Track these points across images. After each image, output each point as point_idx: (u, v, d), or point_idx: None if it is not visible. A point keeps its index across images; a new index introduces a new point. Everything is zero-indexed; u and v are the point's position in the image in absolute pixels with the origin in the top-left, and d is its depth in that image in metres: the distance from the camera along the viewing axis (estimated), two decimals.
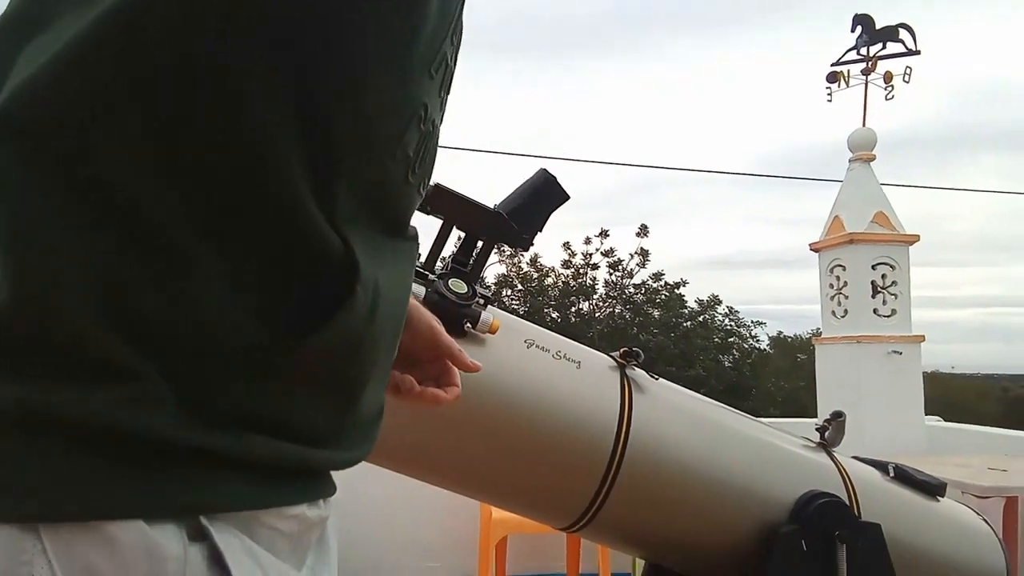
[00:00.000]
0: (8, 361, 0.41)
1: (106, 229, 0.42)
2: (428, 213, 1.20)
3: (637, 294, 18.80)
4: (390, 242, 0.56)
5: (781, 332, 23.03)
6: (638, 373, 1.33)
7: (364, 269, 0.50)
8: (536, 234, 1.27)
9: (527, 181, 1.29)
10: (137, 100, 0.42)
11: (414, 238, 0.62)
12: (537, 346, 1.25)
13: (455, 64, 0.59)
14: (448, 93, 0.59)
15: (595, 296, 18.67)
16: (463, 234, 1.24)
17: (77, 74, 0.41)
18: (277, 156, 0.46)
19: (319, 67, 0.46)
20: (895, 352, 4.00)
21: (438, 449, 1.18)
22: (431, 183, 1.15)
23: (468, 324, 1.14)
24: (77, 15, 0.42)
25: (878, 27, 4.76)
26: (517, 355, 1.22)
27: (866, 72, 4.70)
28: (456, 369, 0.78)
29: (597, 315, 18.64)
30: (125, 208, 0.42)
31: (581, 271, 18.48)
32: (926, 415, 4.15)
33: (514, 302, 18.37)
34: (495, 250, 1.31)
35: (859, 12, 4.74)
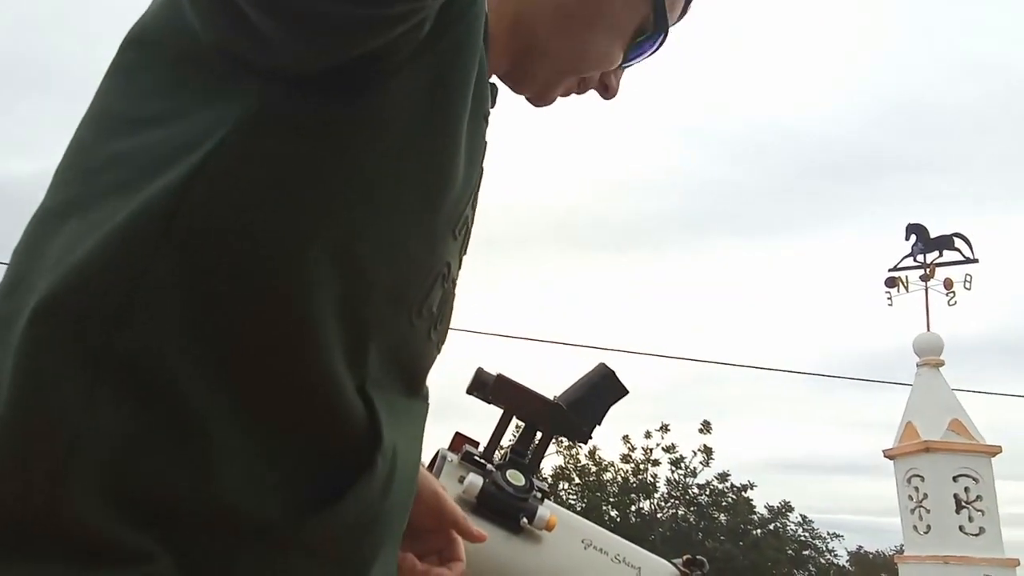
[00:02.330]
0: (13, 542, 0.40)
1: (130, 405, 0.42)
2: (489, 402, 1.23)
3: (701, 495, 17.87)
4: (407, 402, 0.56)
5: (861, 547, 21.23)
6: None
7: (386, 436, 0.50)
8: (595, 427, 1.28)
9: (587, 374, 1.32)
10: (175, 285, 0.44)
11: (426, 398, 0.61)
12: (595, 547, 1.21)
13: (472, 228, 0.61)
14: (465, 253, 0.61)
15: (656, 495, 17.83)
16: (523, 424, 1.25)
17: (119, 259, 0.43)
18: (315, 324, 0.46)
19: (359, 230, 0.48)
20: None
21: None
22: (497, 373, 1.19)
23: (524, 519, 1.12)
24: (117, 203, 0.44)
25: (932, 236, 4.84)
26: (573, 556, 1.18)
27: (925, 279, 4.73)
28: (460, 541, 0.74)
29: (659, 516, 17.66)
30: (152, 386, 0.43)
31: (641, 467, 17.82)
32: None
33: (571, 497, 17.65)
34: (552, 441, 1.31)
35: (912, 222, 4.87)
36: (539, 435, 1.25)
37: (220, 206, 0.44)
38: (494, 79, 0.66)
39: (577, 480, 18.07)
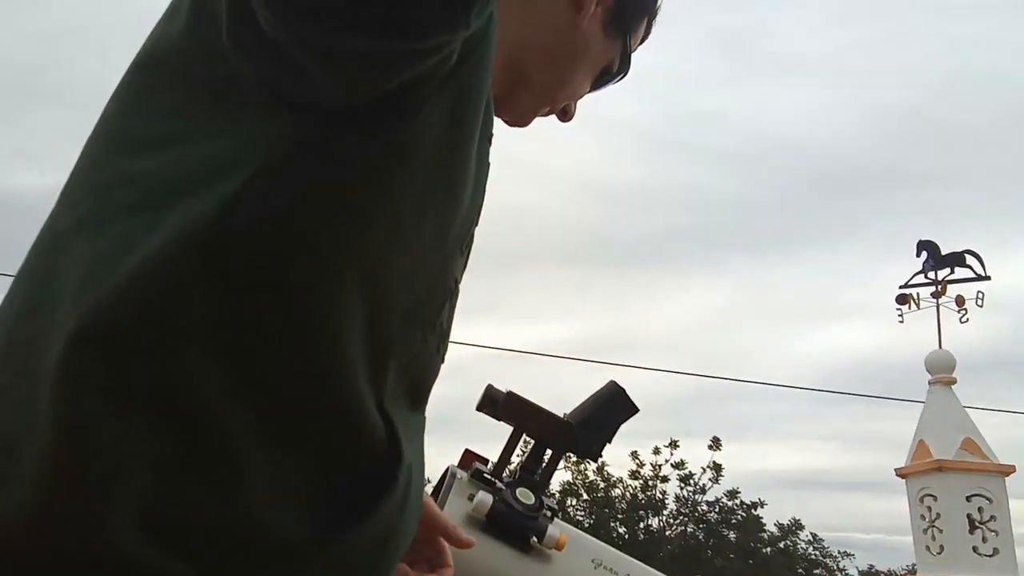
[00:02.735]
0: (52, 571, 0.41)
1: (166, 434, 0.43)
2: (499, 419, 1.22)
3: (711, 512, 17.72)
4: (412, 417, 0.57)
5: (872, 566, 20.94)
6: None
7: (405, 453, 0.51)
8: (604, 446, 1.27)
9: (597, 392, 1.31)
10: (210, 313, 0.44)
11: (424, 412, 0.62)
12: (605, 567, 1.19)
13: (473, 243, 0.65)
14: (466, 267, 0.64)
15: (665, 512, 17.70)
16: (532, 442, 1.24)
17: (154, 287, 0.43)
18: (343, 349, 0.48)
19: (384, 255, 0.49)
20: None
21: None
22: (507, 390, 1.19)
23: (534, 538, 1.11)
24: (136, 223, 0.44)
25: (944, 252, 4.82)
26: None
27: (936, 295, 4.70)
28: (448, 548, 0.76)
29: (668, 533, 17.52)
30: (187, 415, 0.44)
31: (650, 483, 17.70)
32: None
33: (579, 513, 17.54)
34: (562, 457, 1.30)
35: (923, 238, 4.85)
36: (549, 453, 1.24)
37: (257, 235, 0.45)
38: None
39: (585, 496, 17.96)
